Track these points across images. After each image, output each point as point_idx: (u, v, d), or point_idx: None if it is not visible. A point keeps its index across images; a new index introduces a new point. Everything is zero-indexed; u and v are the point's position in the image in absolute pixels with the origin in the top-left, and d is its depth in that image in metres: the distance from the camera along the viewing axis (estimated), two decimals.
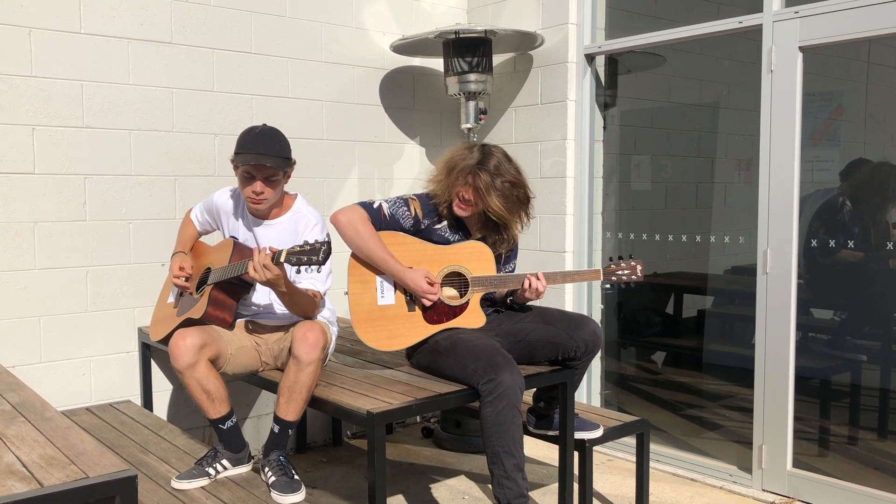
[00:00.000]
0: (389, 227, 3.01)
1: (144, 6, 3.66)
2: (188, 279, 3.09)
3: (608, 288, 4.42)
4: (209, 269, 3.04)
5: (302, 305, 2.85)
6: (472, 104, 4.23)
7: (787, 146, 3.47)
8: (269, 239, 3.00)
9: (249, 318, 3.07)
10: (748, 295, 3.65)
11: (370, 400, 2.70)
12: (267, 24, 4.04)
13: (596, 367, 4.40)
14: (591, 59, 4.28)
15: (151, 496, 2.58)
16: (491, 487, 2.78)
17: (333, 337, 3.06)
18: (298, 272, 2.89)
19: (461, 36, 4.07)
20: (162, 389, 3.84)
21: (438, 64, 4.51)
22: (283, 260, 2.61)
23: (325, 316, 3.07)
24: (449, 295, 3.02)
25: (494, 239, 3.12)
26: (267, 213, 3.01)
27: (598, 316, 4.38)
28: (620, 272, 3.09)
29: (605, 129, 4.38)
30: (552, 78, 4.33)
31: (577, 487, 3.21)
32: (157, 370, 3.81)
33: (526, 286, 2.99)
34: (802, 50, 3.41)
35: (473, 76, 4.13)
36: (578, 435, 3.11)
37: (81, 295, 3.57)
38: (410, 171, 4.67)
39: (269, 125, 2.96)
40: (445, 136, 4.80)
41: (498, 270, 3.14)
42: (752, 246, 3.65)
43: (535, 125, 4.43)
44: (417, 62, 4.65)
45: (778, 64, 3.47)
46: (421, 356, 3.05)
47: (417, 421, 4.73)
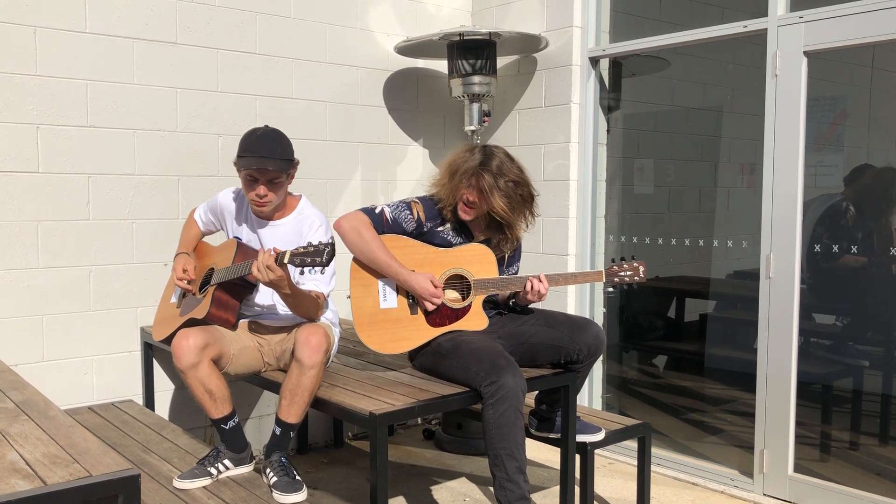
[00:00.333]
0: (392, 231, 3.01)
1: (149, 6, 3.67)
2: (191, 282, 3.09)
3: (610, 291, 4.42)
4: (212, 269, 3.04)
5: (305, 307, 2.85)
6: (475, 106, 4.23)
7: (790, 151, 3.47)
8: (273, 240, 3.00)
9: (252, 318, 3.08)
10: (750, 299, 3.64)
11: (372, 401, 2.70)
12: (271, 24, 4.05)
13: (598, 370, 4.39)
14: (595, 62, 4.28)
15: (153, 495, 2.58)
16: (492, 490, 2.78)
17: (336, 339, 3.07)
18: (302, 273, 2.89)
19: (465, 38, 4.07)
20: (164, 389, 3.84)
21: (442, 66, 4.52)
22: (286, 261, 2.61)
23: (327, 317, 3.07)
24: (451, 297, 3.02)
25: (499, 239, 3.12)
26: (271, 214, 3.01)
27: (600, 319, 4.38)
28: (623, 273, 3.08)
29: (608, 132, 4.38)
30: (556, 81, 4.33)
31: (578, 490, 3.21)
32: (159, 370, 3.81)
33: (528, 288, 2.99)
34: (807, 55, 3.42)
35: (477, 78, 4.14)
36: (580, 438, 3.11)
37: (84, 294, 3.57)
38: (413, 172, 4.67)
39: (270, 127, 2.96)
40: (449, 138, 4.80)
41: (501, 273, 3.14)
42: (754, 250, 3.64)
43: (538, 128, 4.43)
44: (421, 64, 4.66)
45: (782, 68, 3.47)
46: (423, 358, 3.05)
47: (419, 423, 4.73)
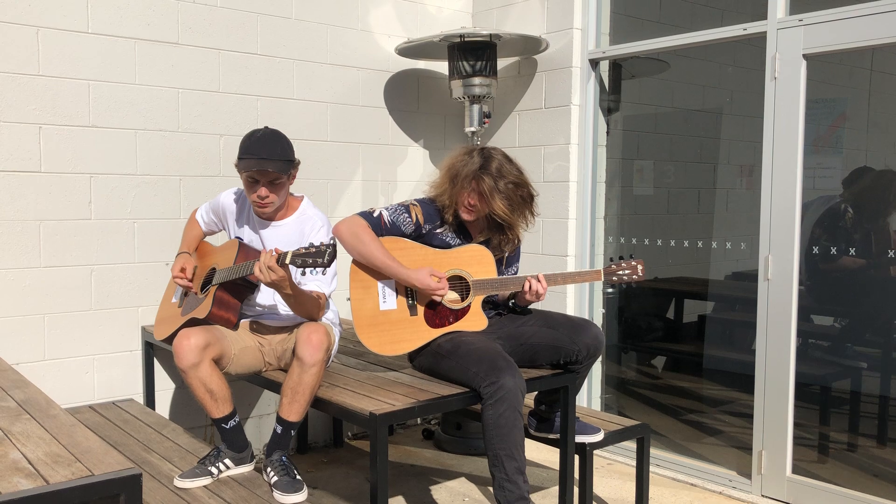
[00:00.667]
0: (390, 234, 3.02)
1: (151, 6, 3.68)
2: (191, 280, 3.10)
3: (610, 292, 4.44)
4: (214, 269, 3.05)
5: (307, 307, 2.86)
6: (476, 107, 4.24)
7: (789, 153, 3.48)
8: (274, 240, 3.01)
9: (254, 318, 3.09)
10: (749, 301, 3.66)
11: (373, 401, 2.71)
12: (273, 25, 4.06)
13: (597, 371, 4.41)
14: (595, 64, 4.29)
15: (154, 495, 2.59)
16: (491, 490, 2.79)
17: (336, 338, 3.08)
18: (303, 274, 2.90)
19: (466, 39, 4.08)
20: (165, 388, 3.85)
21: (443, 67, 4.53)
22: (288, 262, 2.62)
23: (328, 317, 3.08)
24: (450, 298, 3.03)
25: (499, 239, 3.13)
26: (273, 214, 3.02)
27: (599, 320, 4.39)
28: (621, 272, 3.09)
29: (608, 133, 4.39)
30: (556, 82, 4.34)
31: (577, 491, 3.22)
32: (159, 369, 3.82)
33: (526, 288, 3.00)
34: (806, 58, 3.43)
35: (478, 80, 4.15)
36: (579, 438, 3.12)
37: (86, 293, 3.58)
38: (414, 173, 4.68)
39: (270, 128, 2.96)
40: (449, 139, 4.81)
41: (500, 274, 3.16)
42: (753, 252, 3.66)
43: (538, 129, 4.44)
44: (422, 65, 4.67)
45: (782, 71, 3.49)
46: (423, 359, 3.06)
47: (418, 423, 4.74)
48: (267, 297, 3.05)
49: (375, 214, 3.01)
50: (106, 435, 3.13)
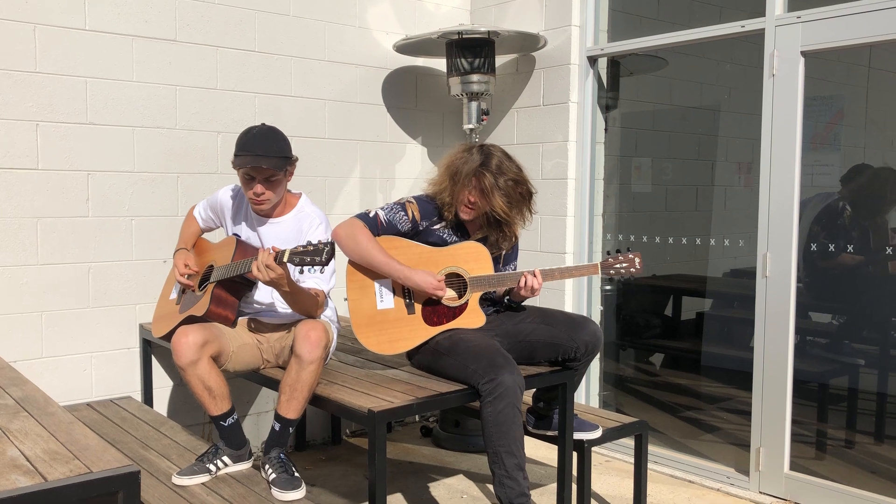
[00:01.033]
0: (387, 233, 3.02)
1: (149, 4, 3.67)
2: (192, 276, 3.10)
3: (608, 289, 4.44)
4: (212, 266, 3.05)
5: (305, 305, 2.86)
6: (474, 105, 4.24)
7: (787, 150, 3.48)
8: (272, 237, 3.01)
9: (252, 316, 3.08)
10: (747, 298, 3.66)
11: (371, 398, 2.71)
12: (271, 22, 4.05)
13: (595, 368, 4.41)
14: (593, 61, 4.29)
15: (152, 492, 2.59)
16: (490, 487, 2.79)
17: (335, 336, 3.07)
18: (301, 272, 2.90)
19: (464, 36, 4.08)
20: (162, 386, 3.85)
21: (441, 64, 4.52)
22: (286, 260, 2.62)
23: (327, 315, 3.08)
24: (448, 296, 3.03)
25: (497, 236, 3.12)
26: (270, 211, 3.01)
27: (597, 317, 4.39)
28: (619, 265, 3.09)
29: (606, 131, 4.39)
30: (554, 79, 4.34)
31: (575, 488, 3.23)
32: (157, 366, 3.82)
33: (521, 284, 3.00)
34: (804, 55, 3.43)
35: (476, 77, 4.14)
36: (577, 435, 3.12)
37: (83, 291, 3.58)
38: (412, 171, 4.68)
39: (267, 125, 2.95)
40: (447, 136, 4.81)
41: (497, 271, 3.15)
42: (751, 249, 3.66)
43: (536, 126, 4.44)
44: (420, 62, 4.66)
45: (780, 68, 3.49)
46: (422, 356, 3.06)
47: (416, 420, 4.74)
48: (265, 294, 3.04)
49: (371, 215, 3.01)
50: (104, 432, 3.13)
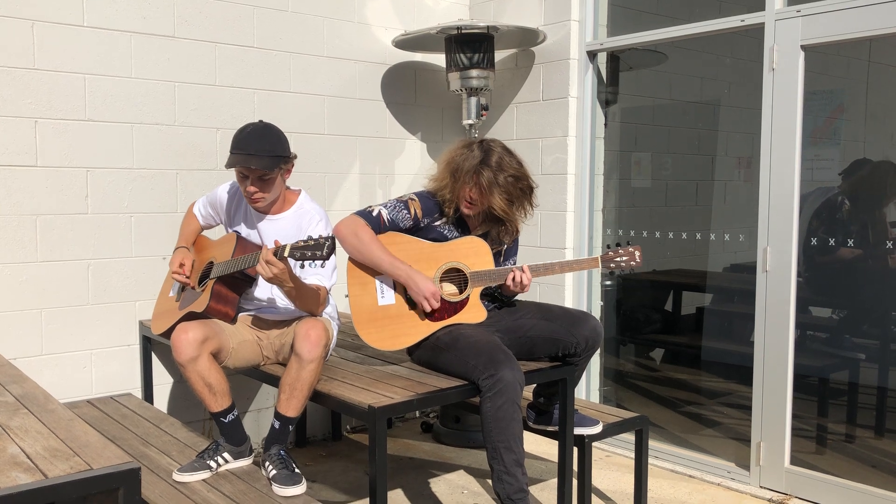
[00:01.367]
0: (389, 231, 3.02)
1: (147, 0, 3.66)
2: (188, 276, 3.09)
3: (608, 284, 4.44)
4: (212, 263, 3.04)
5: (308, 301, 2.85)
6: (473, 100, 4.23)
7: (787, 144, 3.48)
8: (271, 234, 3.00)
9: (252, 312, 3.08)
10: (747, 293, 3.66)
11: (371, 394, 2.71)
12: (269, 18, 4.04)
13: (595, 363, 4.41)
14: (592, 55, 4.28)
15: (153, 488, 2.59)
16: (490, 482, 2.79)
17: (335, 333, 3.07)
18: (303, 267, 2.89)
19: (463, 32, 4.07)
20: (162, 382, 3.85)
21: (440, 59, 4.52)
22: (286, 255, 2.61)
23: (327, 311, 3.07)
24: (449, 291, 3.03)
25: (498, 230, 3.12)
26: (268, 208, 3.00)
27: (597, 312, 4.39)
28: (619, 259, 3.09)
29: (606, 125, 4.38)
30: (554, 74, 4.34)
31: (575, 483, 3.23)
32: (157, 363, 3.82)
33: (510, 281, 3.00)
34: (804, 49, 3.42)
35: (475, 72, 4.14)
36: (578, 431, 3.12)
37: (83, 288, 3.58)
38: (412, 166, 4.68)
39: (262, 123, 2.91)
40: (447, 131, 4.81)
41: (498, 266, 3.15)
42: (751, 244, 3.66)
43: (536, 122, 4.44)
44: (419, 58, 4.65)
45: (779, 62, 3.48)
46: (422, 352, 3.06)
47: (417, 416, 4.75)
48: (265, 291, 3.04)
49: (374, 213, 3.00)
50: (104, 429, 3.13)
